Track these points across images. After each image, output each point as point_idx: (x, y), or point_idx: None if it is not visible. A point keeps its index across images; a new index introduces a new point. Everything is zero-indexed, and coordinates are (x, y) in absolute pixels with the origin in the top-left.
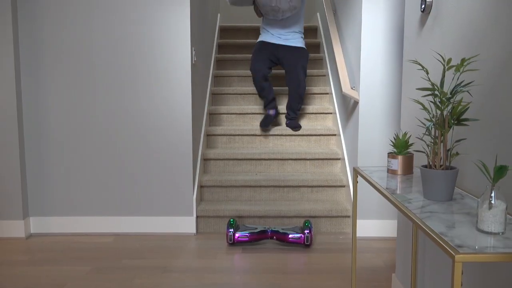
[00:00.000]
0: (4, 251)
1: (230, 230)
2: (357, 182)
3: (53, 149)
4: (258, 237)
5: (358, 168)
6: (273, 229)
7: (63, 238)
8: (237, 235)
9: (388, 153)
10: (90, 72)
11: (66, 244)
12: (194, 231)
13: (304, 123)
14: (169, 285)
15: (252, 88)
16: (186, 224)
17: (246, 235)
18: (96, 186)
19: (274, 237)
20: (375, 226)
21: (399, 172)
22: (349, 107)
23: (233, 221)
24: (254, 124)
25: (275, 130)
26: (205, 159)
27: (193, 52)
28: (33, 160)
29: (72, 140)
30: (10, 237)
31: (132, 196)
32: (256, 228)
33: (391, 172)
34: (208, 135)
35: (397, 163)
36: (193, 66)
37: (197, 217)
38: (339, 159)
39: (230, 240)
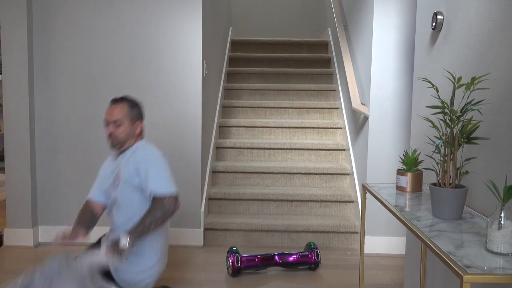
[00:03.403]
0: (12, 260)
1: (234, 254)
2: (366, 198)
3: (63, 160)
4: (265, 261)
5: (367, 184)
6: (278, 253)
7: (71, 247)
8: (244, 258)
9: (397, 170)
10: (101, 85)
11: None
12: (202, 243)
13: (313, 137)
14: None
15: (261, 102)
16: (194, 236)
17: (254, 258)
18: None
19: (281, 260)
20: (383, 242)
21: (408, 189)
22: (359, 122)
23: (235, 248)
24: (264, 137)
25: (284, 144)
26: (214, 172)
27: (204, 65)
28: (44, 170)
29: (82, 151)
30: (19, 245)
31: None
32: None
33: (400, 189)
34: (217, 148)
35: (406, 180)
36: (203, 79)
37: (204, 229)
38: (348, 174)
39: (237, 263)
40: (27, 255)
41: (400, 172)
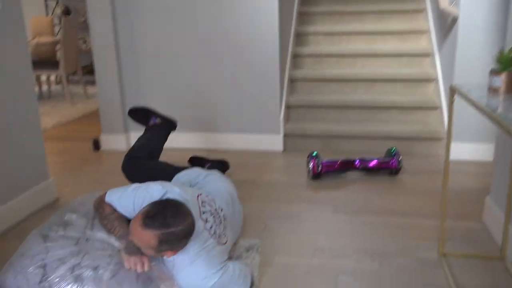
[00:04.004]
0: (109, 162)
1: (315, 159)
2: (454, 100)
3: (149, 69)
4: (345, 166)
5: (456, 85)
6: (359, 158)
7: None
8: (324, 163)
9: (491, 70)
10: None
11: (162, 157)
12: (281, 148)
13: (395, 43)
14: (257, 196)
15: (340, 8)
16: (274, 142)
17: (334, 163)
18: (189, 104)
19: (361, 165)
20: (469, 149)
21: (502, 89)
22: (447, 24)
23: (316, 153)
24: (342, 44)
25: (364, 50)
26: (292, 80)
27: None
28: (131, 80)
29: (166, 59)
30: (114, 149)
31: (223, 114)
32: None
33: (492, 90)
34: (295, 56)
35: (500, 81)
36: None
37: (284, 135)
38: (432, 80)
39: (318, 168)
40: (121, 157)
41: (493, 72)
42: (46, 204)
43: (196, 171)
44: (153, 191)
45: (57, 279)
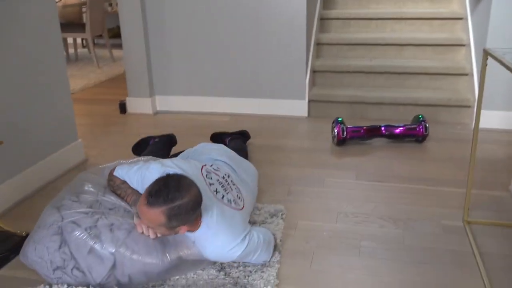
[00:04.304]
0: (135, 125)
1: (340, 125)
2: (486, 65)
3: (175, 32)
4: (370, 132)
5: (489, 49)
6: (385, 124)
7: (184, 115)
8: (349, 129)
9: None
10: None
11: (188, 121)
12: (306, 114)
13: (426, 5)
14: (281, 161)
15: None
16: (298, 108)
17: (360, 129)
18: (214, 69)
19: (387, 132)
20: (498, 117)
21: None
22: None
23: (341, 119)
24: (371, 7)
25: (393, 13)
26: (318, 44)
27: None
28: (157, 44)
29: (193, 23)
30: (140, 112)
31: (247, 79)
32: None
33: None
34: (321, 19)
35: None
36: None
37: (309, 101)
38: (464, 45)
39: (343, 134)
40: (147, 121)
41: None
42: (75, 165)
43: (186, 151)
44: (152, 169)
45: (74, 242)
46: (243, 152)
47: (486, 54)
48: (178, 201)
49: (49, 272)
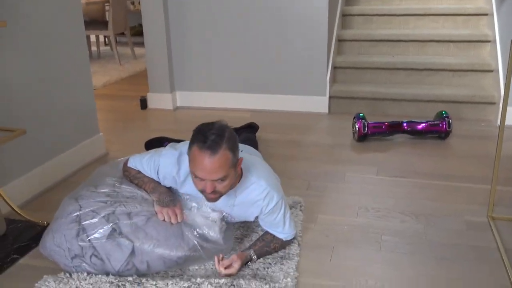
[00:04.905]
0: (156, 120)
1: (361, 120)
2: None
3: (196, 30)
4: (392, 128)
5: None
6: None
7: (204, 111)
8: (370, 124)
9: None
10: None
11: (208, 117)
12: (327, 111)
13: (451, 1)
14: (302, 156)
15: None
16: (319, 104)
17: (381, 124)
18: (235, 65)
19: (409, 128)
20: None
21: None
22: None
23: (362, 114)
24: (394, 3)
25: (416, 9)
26: (340, 40)
27: None
28: (178, 41)
29: (213, 21)
30: (160, 108)
31: (268, 75)
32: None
33: None
34: (343, 15)
35: None
36: None
37: (330, 97)
38: (489, 41)
39: (364, 129)
40: (168, 117)
41: None
42: (96, 158)
43: None
44: (165, 154)
45: (93, 230)
46: (251, 142)
47: None
48: (225, 131)
49: (68, 261)
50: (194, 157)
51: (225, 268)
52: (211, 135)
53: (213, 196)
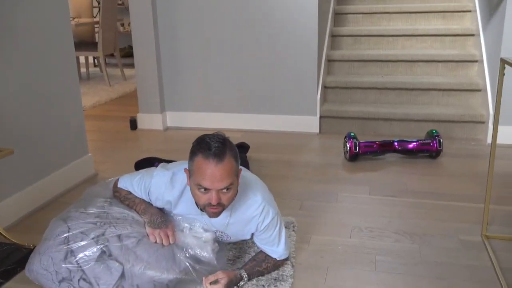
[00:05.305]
0: (146, 141)
1: (352, 139)
2: (504, 74)
3: (187, 50)
4: (383, 147)
5: (507, 58)
6: (398, 139)
7: (195, 132)
8: (362, 143)
9: None
10: None
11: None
12: (318, 130)
13: (438, 22)
14: (293, 176)
15: None
16: (310, 124)
17: (372, 144)
18: (226, 86)
19: (400, 147)
20: None
21: None
22: (493, 2)
23: (353, 133)
24: (382, 24)
25: (404, 30)
26: (330, 60)
27: None
28: (169, 61)
29: (204, 42)
30: (150, 129)
31: (259, 95)
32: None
33: None
34: (333, 36)
35: None
36: None
37: (320, 117)
38: (476, 61)
39: (355, 149)
40: (158, 137)
41: None
42: (85, 178)
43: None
44: (157, 175)
45: (82, 252)
46: (242, 161)
47: (503, 63)
48: (226, 140)
49: (55, 285)
50: (199, 166)
51: (211, 283)
52: (214, 143)
53: (216, 210)
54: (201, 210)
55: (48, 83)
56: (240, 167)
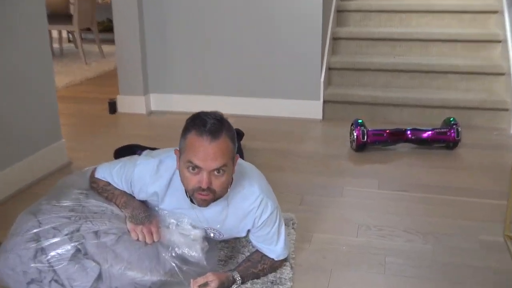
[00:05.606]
0: (126, 126)
1: (360, 127)
2: None
3: (175, 26)
4: (394, 136)
5: None
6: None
7: (182, 116)
8: (370, 132)
9: None
10: None
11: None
12: (321, 116)
13: None
14: (292, 168)
15: None
16: (312, 109)
17: (382, 132)
18: (217, 65)
19: (413, 136)
20: None
21: None
22: None
23: (361, 121)
24: None
25: (419, 5)
26: (335, 38)
27: None
28: (154, 37)
29: (195, 15)
30: (132, 112)
31: (255, 76)
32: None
33: None
34: (338, 11)
35: None
36: None
37: (324, 102)
38: (499, 41)
39: (363, 138)
40: (140, 122)
41: None
42: (58, 167)
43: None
44: (141, 163)
45: (54, 250)
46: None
47: None
48: (224, 120)
49: (23, 286)
50: (192, 143)
51: (199, 286)
52: (210, 120)
53: (206, 197)
54: (190, 198)
55: (16, 59)
56: (237, 154)
